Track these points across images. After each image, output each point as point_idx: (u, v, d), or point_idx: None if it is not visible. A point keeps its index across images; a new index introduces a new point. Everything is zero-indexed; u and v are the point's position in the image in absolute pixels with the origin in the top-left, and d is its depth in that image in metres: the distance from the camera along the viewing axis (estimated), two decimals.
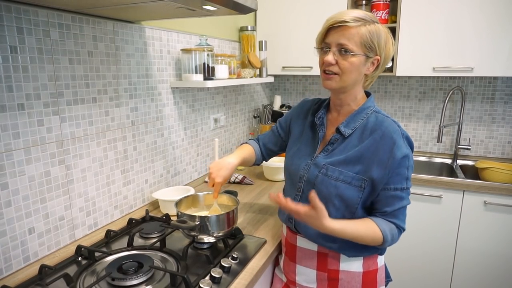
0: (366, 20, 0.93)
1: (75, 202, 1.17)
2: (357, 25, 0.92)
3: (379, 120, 0.98)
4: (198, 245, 1.13)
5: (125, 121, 1.34)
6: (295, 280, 1.12)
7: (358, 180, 0.96)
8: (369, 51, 0.94)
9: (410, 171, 0.96)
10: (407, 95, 2.39)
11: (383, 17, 2.07)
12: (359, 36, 0.92)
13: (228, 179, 1.16)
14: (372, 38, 0.93)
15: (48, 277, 0.97)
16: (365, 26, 0.93)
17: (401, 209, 0.97)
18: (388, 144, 0.93)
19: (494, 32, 1.82)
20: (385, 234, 0.94)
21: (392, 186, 0.95)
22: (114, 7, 1.03)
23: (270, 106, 2.30)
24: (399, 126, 0.97)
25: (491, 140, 2.23)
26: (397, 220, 0.97)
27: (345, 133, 0.99)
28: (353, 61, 0.94)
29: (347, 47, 0.93)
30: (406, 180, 0.96)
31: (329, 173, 0.98)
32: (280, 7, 2.21)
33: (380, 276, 1.07)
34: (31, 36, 0.99)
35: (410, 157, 0.95)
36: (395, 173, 0.94)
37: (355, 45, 0.93)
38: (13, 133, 0.97)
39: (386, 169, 0.93)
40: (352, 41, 0.93)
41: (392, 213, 0.97)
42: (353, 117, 1.01)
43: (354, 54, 0.93)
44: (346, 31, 0.93)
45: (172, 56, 1.56)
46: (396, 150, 0.92)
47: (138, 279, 0.94)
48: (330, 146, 1.02)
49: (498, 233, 1.80)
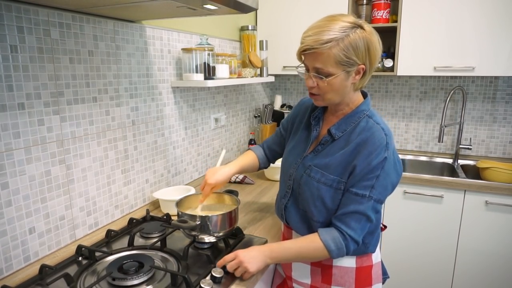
0: (337, 37, 0.87)
1: (75, 202, 1.17)
2: (328, 47, 0.87)
3: (368, 126, 0.96)
4: (199, 245, 1.13)
5: (125, 121, 1.34)
6: (291, 276, 1.12)
7: (338, 183, 0.96)
8: (348, 67, 0.90)
9: (379, 182, 0.92)
10: (408, 95, 2.38)
11: (384, 16, 2.07)
12: (333, 57, 0.88)
13: (221, 185, 1.16)
14: (348, 53, 0.88)
15: (48, 277, 0.97)
16: (338, 45, 0.87)
17: (353, 214, 0.93)
18: (368, 150, 0.92)
19: (495, 32, 1.82)
20: (326, 243, 0.93)
21: (354, 189, 0.93)
22: (114, 6, 1.03)
23: (270, 106, 2.30)
24: (387, 135, 0.94)
25: (492, 140, 2.23)
26: (345, 227, 0.93)
27: (335, 135, 0.99)
28: (332, 83, 0.92)
29: (322, 71, 0.91)
30: (371, 188, 0.92)
31: (312, 175, 0.99)
32: (280, 6, 2.21)
33: (376, 273, 1.07)
34: (31, 35, 0.98)
35: (384, 167, 0.91)
36: (363, 179, 0.92)
37: (331, 66, 0.89)
38: (13, 133, 0.97)
39: (358, 172, 0.92)
40: (327, 64, 0.89)
41: (341, 216, 0.94)
42: (345, 119, 1.00)
43: (331, 75, 0.91)
44: (319, 56, 0.89)
45: (173, 56, 1.55)
46: (373, 158, 0.91)
47: (139, 279, 0.94)
48: (320, 147, 1.02)
49: (499, 233, 1.79)
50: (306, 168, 1.02)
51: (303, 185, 1.02)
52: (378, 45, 0.93)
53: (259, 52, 2.06)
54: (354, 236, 0.94)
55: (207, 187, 1.14)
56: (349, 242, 0.94)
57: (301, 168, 1.03)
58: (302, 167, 1.03)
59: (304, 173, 1.01)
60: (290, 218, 1.08)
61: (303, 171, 1.02)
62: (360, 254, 1.02)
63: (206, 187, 1.14)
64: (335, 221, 0.96)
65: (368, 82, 2.41)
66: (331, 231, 0.95)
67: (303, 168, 1.03)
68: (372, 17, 2.10)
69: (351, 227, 0.94)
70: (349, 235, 0.93)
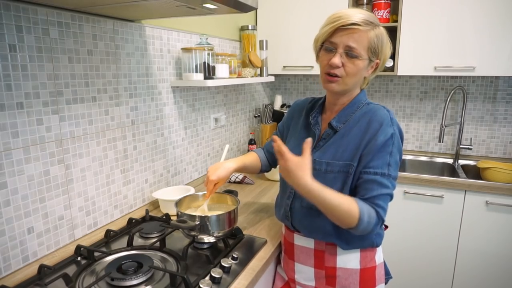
0: (374, 23, 0.93)
1: (74, 202, 1.16)
2: (367, 29, 0.91)
3: (370, 108, 0.99)
4: (198, 245, 1.12)
5: (125, 120, 1.33)
6: (294, 278, 1.12)
7: (345, 166, 0.95)
8: (372, 56, 0.95)
9: (393, 158, 0.92)
10: (408, 95, 2.38)
11: (384, 16, 2.07)
12: (367, 40, 0.92)
13: (224, 181, 1.16)
14: (378, 43, 0.93)
15: (47, 277, 0.96)
16: (373, 30, 0.92)
17: (381, 196, 0.92)
18: (374, 128, 0.93)
19: (496, 31, 1.81)
20: (362, 212, 0.88)
21: (372, 170, 0.92)
22: (114, 6, 1.02)
23: (270, 106, 2.29)
24: (389, 111, 0.97)
25: (493, 140, 2.22)
26: (377, 207, 0.91)
27: (337, 127, 1.00)
28: (358, 65, 0.93)
29: (355, 50, 0.92)
30: (388, 166, 0.92)
31: (317, 167, 0.99)
32: (281, 6, 2.20)
33: (379, 273, 1.06)
34: (30, 35, 0.98)
35: (394, 143, 0.92)
36: (377, 157, 0.92)
37: (363, 49, 0.92)
38: (12, 132, 0.96)
39: (368, 151, 0.92)
40: (361, 44, 0.92)
41: (371, 199, 0.92)
42: (345, 110, 1.01)
43: (361, 58, 0.92)
44: (356, 34, 0.91)
45: (173, 55, 1.55)
46: (380, 134, 0.92)
47: (138, 279, 0.93)
48: (321, 142, 1.02)
49: (500, 233, 1.79)
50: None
51: None
52: (389, 48, 0.99)
53: (259, 52, 2.05)
54: (383, 216, 0.93)
55: (209, 184, 1.13)
56: (379, 220, 0.92)
57: None
58: None
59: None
60: (296, 218, 1.06)
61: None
62: (366, 247, 1.01)
63: (209, 184, 1.13)
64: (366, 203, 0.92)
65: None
66: (368, 206, 0.91)
67: None
68: None
69: (381, 206, 0.92)
70: (381, 215, 0.92)
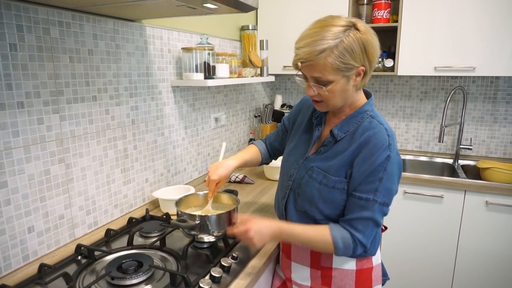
0: (331, 45, 0.85)
1: (75, 201, 1.16)
2: (323, 56, 0.85)
3: (371, 126, 0.95)
4: (198, 244, 1.13)
5: (125, 120, 1.34)
6: (291, 277, 1.12)
7: (341, 183, 0.95)
8: (347, 71, 0.88)
9: (382, 185, 0.90)
10: (409, 95, 2.38)
11: (385, 16, 2.07)
12: (329, 66, 0.86)
13: (225, 179, 1.15)
14: (344, 59, 0.86)
15: (47, 276, 0.96)
16: (333, 53, 0.85)
17: (360, 220, 0.92)
18: (369, 150, 0.91)
19: (496, 32, 1.81)
20: (335, 240, 0.92)
21: (358, 193, 0.92)
22: (114, 5, 1.02)
23: (271, 106, 2.29)
24: (389, 136, 0.92)
25: (493, 140, 2.23)
26: (354, 230, 0.93)
27: (338, 136, 0.98)
28: (333, 90, 0.90)
29: (321, 79, 0.89)
30: (375, 192, 0.91)
31: (314, 176, 0.99)
32: (281, 6, 2.21)
33: (376, 274, 1.06)
34: (31, 34, 0.98)
35: (387, 169, 0.90)
36: (365, 182, 0.91)
37: (330, 74, 0.87)
38: (12, 131, 0.96)
39: (360, 174, 0.91)
40: (325, 72, 0.87)
41: (349, 221, 0.94)
42: (348, 120, 0.99)
43: (332, 82, 0.89)
44: (315, 66, 0.87)
45: (173, 55, 1.55)
46: (373, 158, 0.90)
47: (138, 278, 0.93)
48: (323, 148, 1.01)
49: (499, 233, 1.79)
50: (308, 169, 1.01)
51: (303, 186, 1.01)
52: (376, 43, 0.91)
53: (259, 51, 2.05)
54: (362, 240, 0.93)
55: (211, 184, 1.13)
56: (357, 245, 0.93)
57: (302, 169, 1.03)
58: (303, 168, 1.02)
59: (306, 174, 1.01)
60: (291, 218, 1.07)
61: (305, 172, 1.01)
62: (360, 257, 1.02)
63: (211, 183, 1.13)
64: (343, 224, 0.95)
65: (368, 82, 2.41)
66: (342, 229, 0.94)
67: (305, 169, 1.02)
68: (372, 17, 2.10)
69: (359, 230, 0.93)
70: (358, 239, 0.93)
